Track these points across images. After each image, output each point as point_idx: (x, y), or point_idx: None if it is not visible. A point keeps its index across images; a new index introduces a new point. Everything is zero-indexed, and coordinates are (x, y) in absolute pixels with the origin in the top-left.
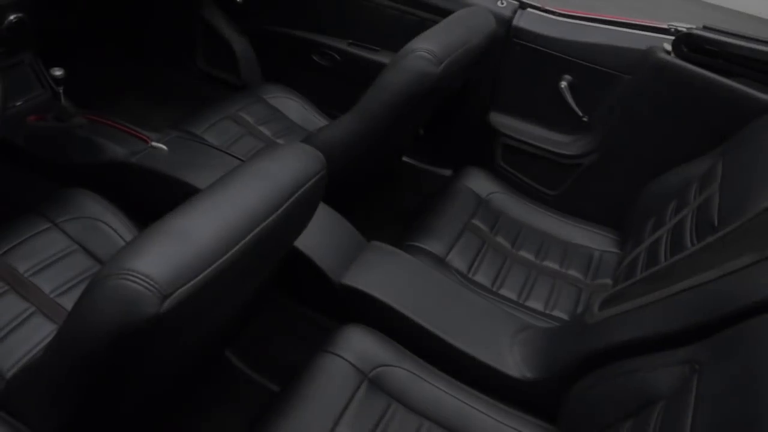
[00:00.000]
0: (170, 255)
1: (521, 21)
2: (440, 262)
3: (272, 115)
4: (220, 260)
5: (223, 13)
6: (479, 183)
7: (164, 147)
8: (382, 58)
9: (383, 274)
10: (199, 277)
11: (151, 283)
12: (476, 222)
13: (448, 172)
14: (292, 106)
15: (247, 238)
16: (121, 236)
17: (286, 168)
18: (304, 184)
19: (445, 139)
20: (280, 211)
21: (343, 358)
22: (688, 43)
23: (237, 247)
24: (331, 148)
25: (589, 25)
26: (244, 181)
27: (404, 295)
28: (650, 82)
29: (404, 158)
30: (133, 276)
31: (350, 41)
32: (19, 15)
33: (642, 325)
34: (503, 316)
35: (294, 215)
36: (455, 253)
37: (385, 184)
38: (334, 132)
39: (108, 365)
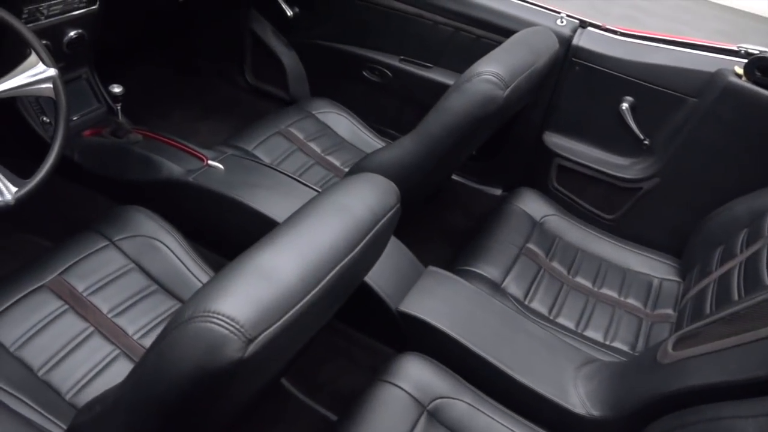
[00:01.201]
0: (255, 296)
1: (581, 40)
2: (496, 288)
3: (321, 131)
4: (303, 301)
5: (272, 28)
6: (533, 205)
7: (221, 166)
8: (435, 75)
9: (441, 302)
10: (282, 320)
11: (237, 326)
12: (531, 246)
13: (497, 192)
14: (341, 122)
15: (328, 277)
16: (176, 255)
17: (363, 202)
18: (381, 218)
19: (496, 157)
20: (359, 247)
21: (402, 389)
22: (761, 67)
23: (319, 286)
24: (390, 170)
25: (653, 46)
26: (323, 216)
27: (463, 323)
28: (719, 106)
29: (453, 176)
30: (218, 318)
31: (402, 57)
32: (79, 31)
33: (725, 369)
34: (565, 348)
35: (371, 250)
36: (511, 278)
37: (432, 201)
38: (394, 153)
39: (187, 406)
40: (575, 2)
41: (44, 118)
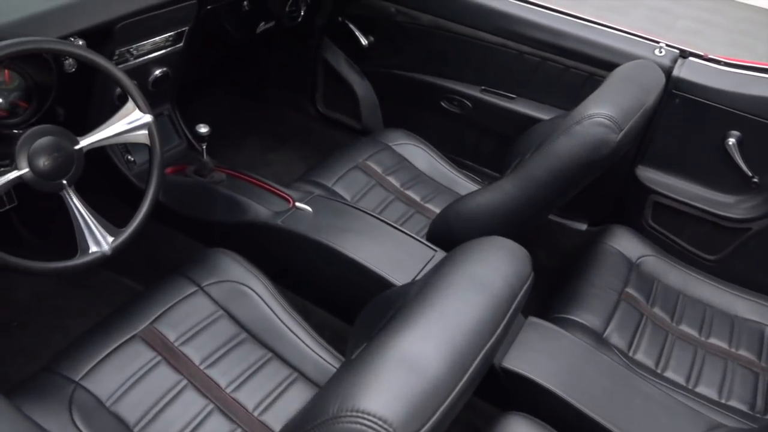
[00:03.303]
0: (404, 392)
1: (682, 71)
2: (598, 338)
3: (399, 164)
4: (453, 393)
5: (345, 56)
6: (627, 244)
7: (309, 208)
8: (518, 106)
9: (546, 357)
10: (434, 417)
11: (389, 429)
12: (631, 291)
13: (582, 227)
14: (418, 154)
15: (475, 363)
16: (264, 301)
17: (499, 273)
18: (519, 291)
19: (582, 191)
20: (501, 326)
21: None
22: None
23: (467, 375)
24: (487, 214)
25: (762, 77)
26: (461, 292)
27: (571, 381)
28: None
29: None
30: (367, 419)
31: (483, 87)
32: (164, 69)
33: None
34: (685, 411)
35: (509, 327)
36: (613, 328)
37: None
38: (493, 197)
39: None
40: (638, 17)
41: (129, 157)
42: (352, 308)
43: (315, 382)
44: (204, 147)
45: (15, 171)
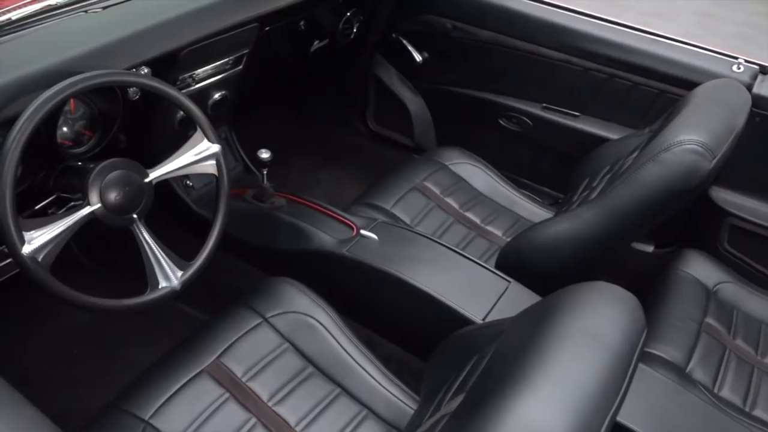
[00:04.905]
0: None
1: (763, 88)
2: (681, 373)
3: (457, 184)
4: None
5: (397, 73)
6: (702, 270)
7: (374, 236)
8: (582, 124)
9: (630, 395)
10: None
11: None
12: (711, 321)
13: (649, 249)
14: (476, 173)
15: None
16: (330, 333)
17: (616, 327)
18: (637, 346)
19: None
20: (623, 387)
21: None
22: None
23: None
24: (564, 244)
25: None
26: (578, 350)
27: (658, 423)
28: None
29: None
30: None
31: (544, 105)
32: (223, 93)
33: None
34: None
35: (629, 386)
36: (696, 362)
37: None
38: (571, 226)
39: None
40: (683, 22)
41: (187, 182)
42: (423, 343)
43: (387, 420)
44: (265, 173)
45: (88, 207)
